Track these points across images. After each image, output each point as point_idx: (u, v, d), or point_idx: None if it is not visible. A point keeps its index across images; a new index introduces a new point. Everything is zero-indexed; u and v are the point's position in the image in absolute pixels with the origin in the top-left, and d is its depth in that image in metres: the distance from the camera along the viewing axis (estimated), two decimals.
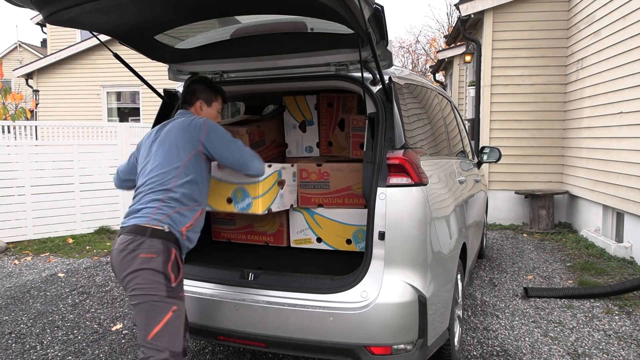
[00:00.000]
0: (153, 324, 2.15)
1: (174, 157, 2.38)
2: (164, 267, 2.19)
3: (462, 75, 12.90)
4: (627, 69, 5.71)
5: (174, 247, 2.25)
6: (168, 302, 2.18)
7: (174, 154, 2.38)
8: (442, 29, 29.87)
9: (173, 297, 2.20)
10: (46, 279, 5.27)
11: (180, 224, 2.30)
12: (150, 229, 2.22)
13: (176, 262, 2.25)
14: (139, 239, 2.20)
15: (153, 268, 2.17)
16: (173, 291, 2.21)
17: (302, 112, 3.82)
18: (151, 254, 2.18)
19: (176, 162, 2.36)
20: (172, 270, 2.22)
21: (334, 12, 2.10)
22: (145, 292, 2.16)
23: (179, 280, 2.25)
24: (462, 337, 3.63)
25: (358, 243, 3.20)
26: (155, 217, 2.25)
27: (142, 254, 2.18)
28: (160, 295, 2.16)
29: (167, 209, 2.29)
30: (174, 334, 2.20)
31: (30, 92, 14.38)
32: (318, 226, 3.31)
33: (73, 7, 2.17)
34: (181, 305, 2.26)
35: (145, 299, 2.17)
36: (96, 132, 7.80)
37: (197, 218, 2.39)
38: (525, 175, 7.95)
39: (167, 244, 2.22)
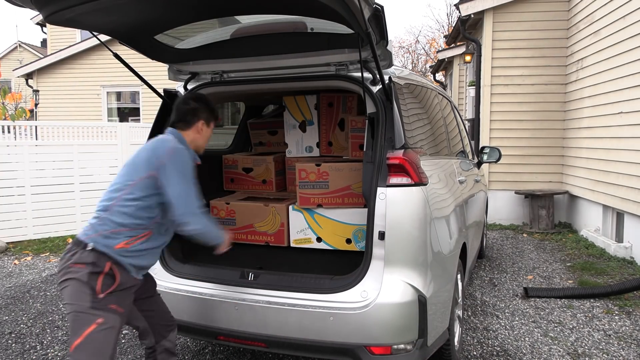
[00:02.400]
0: (75, 335, 2.09)
1: (130, 174, 2.28)
2: (91, 277, 2.12)
3: (462, 75, 12.90)
4: (627, 69, 5.71)
5: (108, 261, 2.16)
6: (92, 314, 2.09)
7: (131, 172, 2.28)
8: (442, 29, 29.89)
9: (99, 309, 2.11)
10: (46, 279, 5.27)
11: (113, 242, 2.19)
12: (82, 243, 2.19)
13: (110, 274, 2.16)
14: (74, 249, 2.19)
15: (78, 278, 2.12)
16: (99, 303, 2.11)
17: (302, 112, 3.83)
18: (80, 264, 2.14)
19: (127, 181, 2.26)
20: (102, 281, 2.13)
21: (334, 12, 2.10)
22: (71, 301, 2.13)
23: (109, 291, 2.14)
24: (462, 337, 3.63)
25: (358, 242, 3.20)
26: (88, 232, 2.22)
27: (72, 264, 2.15)
28: (83, 305, 2.10)
29: (100, 227, 2.21)
30: (97, 348, 2.09)
31: (30, 92, 14.39)
32: (318, 226, 3.31)
33: (73, 7, 2.17)
34: (111, 318, 2.13)
35: (71, 308, 2.13)
36: (96, 132, 7.81)
37: (140, 237, 2.25)
38: (525, 175, 7.95)
39: (99, 257, 2.16)
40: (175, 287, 2.78)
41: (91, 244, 2.17)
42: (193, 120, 2.47)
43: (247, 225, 3.52)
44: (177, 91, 3.15)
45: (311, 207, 3.31)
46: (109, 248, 2.18)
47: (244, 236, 3.54)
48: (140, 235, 2.25)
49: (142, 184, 2.23)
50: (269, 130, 4.29)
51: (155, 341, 2.52)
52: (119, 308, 2.18)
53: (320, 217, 3.29)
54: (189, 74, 3.14)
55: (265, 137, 4.31)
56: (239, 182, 4.02)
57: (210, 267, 2.87)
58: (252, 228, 3.51)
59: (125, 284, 2.22)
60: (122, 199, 2.23)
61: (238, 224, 3.54)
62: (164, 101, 3.11)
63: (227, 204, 3.52)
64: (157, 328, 2.51)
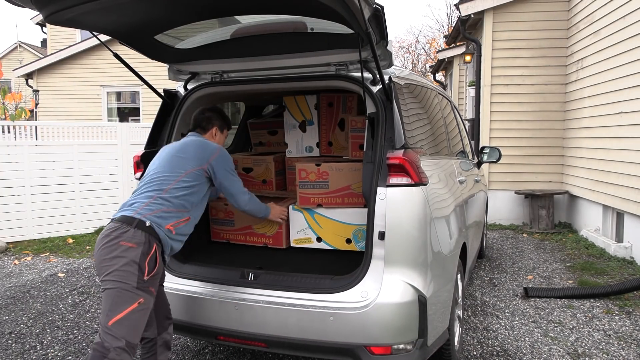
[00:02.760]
0: (116, 311, 2.20)
1: (180, 165, 2.57)
2: (142, 258, 2.25)
3: (462, 75, 12.90)
4: (627, 69, 5.71)
5: (155, 242, 2.33)
6: (136, 293, 2.23)
7: (181, 164, 2.57)
8: (442, 29, 29.89)
9: (142, 290, 2.25)
10: (46, 279, 5.27)
11: (165, 222, 2.40)
12: (137, 220, 2.32)
13: (154, 257, 2.31)
14: (124, 227, 2.30)
15: (130, 257, 2.24)
16: (144, 284, 2.25)
17: (302, 112, 3.82)
18: (132, 243, 2.26)
19: (179, 171, 2.54)
20: (148, 263, 2.28)
21: (334, 12, 2.10)
22: (117, 278, 2.22)
23: (152, 274, 2.29)
24: (462, 337, 3.63)
25: (358, 242, 3.20)
26: (141, 211, 2.37)
27: (123, 242, 2.26)
28: (130, 284, 2.22)
29: (155, 206, 2.40)
30: (134, 326, 2.24)
31: (30, 92, 14.39)
32: (318, 226, 3.31)
33: (73, 7, 2.17)
34: (149, 299, 2.30)
35: (115, 285, 2.22)
36: (96, 132, 7.80)
37: (182, 222, 2.49)
38: (525, 175, 7.95)
39: (149, 238, 2.31)
40: (175, 287, 2.78)
41: (148, 221, 2.33)
42: (208, 126, 2.86)
43: (245, 226, 3.52)
44: (177, 91, 3.15)
45: (311, 207, 3.31)
46: (160, 227, 2.37)
47: (242, 237, 3.54)
48: (184, 219, 2.49)
49: (193, 174, 2.56)
50: (269, 130, 4.28)
51: (157, 332, 2.59)
52: (154, 291, 2.35)
53: (320, 217, 3.29)
54: (189, 74, 3.14)
55: (265, 137, 4.31)
56: None
57: (210, 267, 2.87)
58: (251, 229, 3.51)
59: (159, 269, 2.37)
60: (176, 185, 2.48)
61: (236, 225, 3.54)
62: (164, 101, 3.11)
63: (225, 205, 3.52)
64: (160, 319, 2.61)
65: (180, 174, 2.53)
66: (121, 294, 2.21)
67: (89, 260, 5.99)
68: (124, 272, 2.22)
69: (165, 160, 2.62)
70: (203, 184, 2.63)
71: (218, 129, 2.89)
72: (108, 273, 2.24)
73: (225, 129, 2.95)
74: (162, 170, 2.56)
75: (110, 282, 2.23)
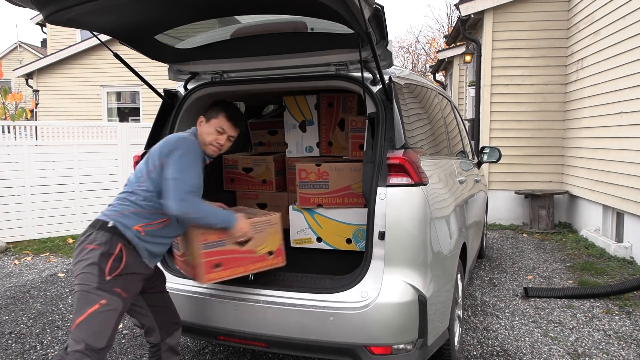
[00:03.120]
0: (78, 313, 2.16)
1: (147, 163, 2.42)
2: (101, 259, 2.19)
3: (462, 75, 12.90)
4: (627, 69, 5.71)
5: (121, 242, 2.25)
6: (96, 294, 2.16)
7: (149, 162, 2.42)
8: (442, 29, 29.89)
9: (104, 290, 2.17)
10: (46, 279, 5.27)
11: (133, 222, 2.30)
12: (101, 222, 2.29)
13: (119, 257, 2.22)
14: (89, 230, 2.28)
15: (90, 258, 2.20)
16: (106, 284, 2.18)
17: (302, 112, 3.83)
18: (93, 245, 2.22)
19: (144, 169, 2.40)
20: (111, 263, 2.20)
21: (334, 12, 2.10)
22: (79, 281, 2.20)
23: (115, 274, 2.20)
24: (462, 337, 3.63)
25: (358, 242, 3.20)
26: (106, 212, 2.34)
27: (86, 245, 2.24)
28: (90, 285, 2.16)
29: (121, 207, 2.34)
30: (96, 328, 2.15)
31: (30, 92, 14.39)
32: (318, 226, 3.31)
33: (73, 7, 2.17)
34: (114, 301, 2.19)
35: (78, 287, 2.20)
36: (96, 132, 7.80)
37: (158, 224, 2.37)
38: (525, 175, 7.95)
39: (111, 238, 2.24)
40: (175, 287, 2.78)
41: (111, 222, 2.27)
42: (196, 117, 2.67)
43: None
44: (177, 91, 3.15)
45: (311, 207, 3.31)
46: (126, 228, 2.28)
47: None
48: (158, 220, 2.36)
49: (156, 172, 2.35)
50: (269, 130, 4.29)
51: (160, 338, 2.55)
52: (122, 292, 2.23)
53: (320, 217, 3.29)
54: (189, 74, 3.14)
55: (265, 137, 4.31)
56: (239, 182, 4.02)
57: None
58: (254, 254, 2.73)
59: (132, 268, 2.27)
60: (142, 185, 2.36)
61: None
62: (164, 101, 3.11)
63: None
64: (163, 325, 2.55)
65: (145, 172, 2.38)
66: (82, 296, 2.17)
67: None
68: (84, 274, 2.18)
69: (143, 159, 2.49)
70: None
71: (204, 118, 2.55)
72: (74, 277, 2.24)
73: (215, 119, 2.52)
74: (136, 169, 2.48)
75: (76, 285, 2.21)
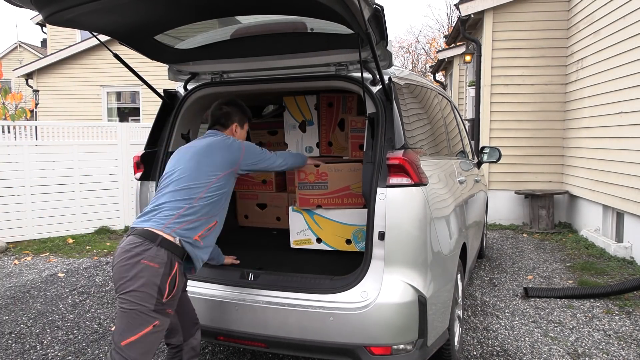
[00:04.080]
0: (131, 332, 2.12)
1: (209, 171, 2.45)
2: (163, 280, 2.15)
3: (462, 75, 12.90)
4: (627, 69, 5.71)
5: (177, 261, 2.22)
6: (152, 316, 2.14)
7: (210, 168, 2.46)
8: (442, 29, 29.88)
9: (158, 312, 2.16)
10: (46, 279, 5.27)
11: (193, 233, 2.31)
12: (161, 237, 2.20)
13: (175, 277, 2.20)
14: (147, 244, 2.17)
15: (151, 278, 2.13)
16: (162, 306, 2.16)
17: (302, 112, 3.82)
18: (154, 263, 2.14)
19: (209, 177, 2.43)
20: (169, 284, 2.17)
21: (334, 12, 2.10)
22: (134, 299, 2.12)
23: (171, 296, 2.20)
24: (462, 337, 3.63)
25: (358, 243, 3.20)
26: (170, 225, 2.25)
27: (145, 261, 2.14)
28: (147, 307, 2.12)
29: (184, 219, 2.29)
30: (146, 348, 2.16)
31: (30, 92, 14.39)
32: (318, 226, 3.31)
33: (73, 8, 2.17)
34: (164, 321, 2.21)
35: (132, 306, 2.13)
36: (96, 132, 7.80)
37: (209, 228, 2.41)
38: (525, 175, 7.95)
39: (172, 257, 2.20)
40: None
41: (177, 237, 2.24)
42: (228, 123, 2.75)
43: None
44: (177, 91, 3.15)
45: (311, 207, 3.31)
46: (189, 240, 2.28)
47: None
48: (211, 224, 2.41)
49: (225, 178, 2.48)
50: (269, 130, 4.28)
51: (183, 339, 2.54)
52: (171, 311, 2.26)
53: (320, 218, 3.29)
54: (189, 74, 3.14)
55: (265, 137, 4.31)
56: (239, 182, 4.02)
57: (211, 268, 2.87)
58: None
59: (179, 288, 2.27)
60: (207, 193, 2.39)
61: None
62: (164, 101, 3.11)
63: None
64: (186, 325, 2.55)
65: (211, 180, 2.43)
66: (137, 316, 2.12)
67: (89, 260, 5.99)
68: (142, 294, 2.12)
69: (191, 163, 2.47)
70: (232, 184, 2.57)
71: (238, 125, 2.78)
72: (126, 292, 2.14)
73: (246, 123, 2.85)
74: (189, 175, 2.42)
75: (128, 302, 2.13)
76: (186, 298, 2.58)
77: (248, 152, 2.63)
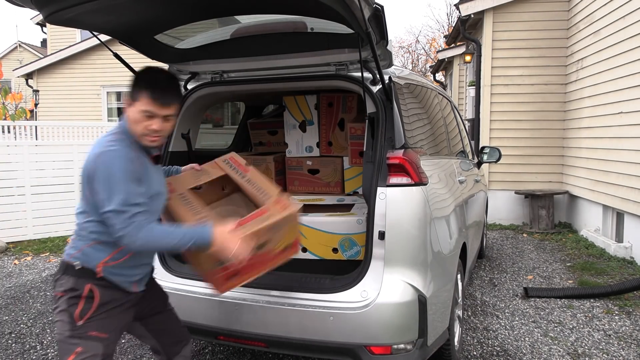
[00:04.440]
0: None
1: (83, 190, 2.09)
2: (68, 304, 1.99)
3: (462, 75, 12.90)
4: (627, 69, 5.71)
5: (89, 283, 1.98)
6: (71, 343, 1.98)
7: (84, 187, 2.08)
8: (442, 29, 29.88)
9: (78, 337, 1.98)
10: (46, 279, 5.27)
11: (96, 259, 2.00)
12: (65, 265, 2.04)
13: (90, 297, 1.98)
14: (57, 275, 2.06)
15: (59, 306, 2.02)
16: (78, 330, 1.98)
17: (302, 112, 3.83)
18: (60, 292, 2.02)
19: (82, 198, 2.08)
20: (81, 308, 1.97)
21: (334, 12, 2.10)
22: (56, 330, 2.04)
23: (86, 318, 1.98)
24: (462, 337, 3.63)
25: (345, 251, 3.11)
26: (69, 250, 2.05)
27: (55, 292, 2.04)
28: (63, 335, 2.00)
29: (80, 241, 2.03)
30: None
31: (30, 92, 14.39)
32: (302, 236, 3.15)
33: (73, 7, 2.17)
34: (90, 346, 1.98)
35: (57, 337, 2.05)
36: (96, 132, 7.81)
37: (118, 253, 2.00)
38: (525, 175, 7.95)
39: (78, 281, 1.99)
40: (175, 287, 2.78)
41: (78, 262, 2.00)
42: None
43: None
44: None
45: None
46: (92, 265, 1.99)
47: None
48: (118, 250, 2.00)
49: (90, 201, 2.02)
50: (269, 130, 4.28)
51: (167, 358, 2.37)
52: (100, 334, 2.00)
53: (304, 228, 3.14)
54: (189, 74, 3.14)
55: (265, 137, 4.31)
56: None
57: None
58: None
59: (110, 303, 2.03)
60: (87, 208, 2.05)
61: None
62: None
63: None
64: (166, 346, 2.34)
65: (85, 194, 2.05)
66: (60, 346, 2.02)
67: None
68: (58, 322, 2.02)
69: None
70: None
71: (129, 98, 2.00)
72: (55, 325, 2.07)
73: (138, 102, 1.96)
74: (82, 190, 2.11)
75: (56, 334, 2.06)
76: (167, 318, 2.35)
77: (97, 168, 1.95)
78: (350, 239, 3.01)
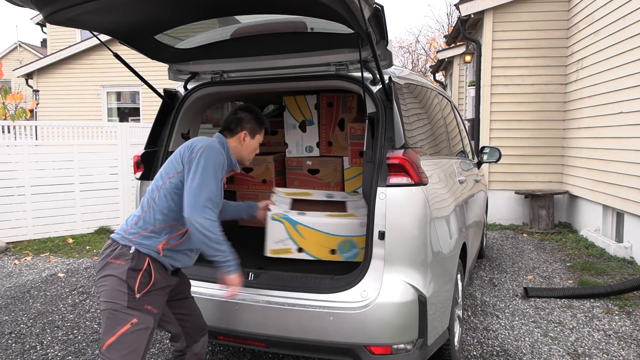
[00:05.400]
0: (109, 333, 2.07)
1: (166, 172, 2.31)
2: (128, 275, 2.10)
3: (462, 75, 12.90)
4: (627, 69, 5.71)
5: (148, 257, 2.17)
6: (127, 313, 2.07)
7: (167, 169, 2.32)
8: (442, 29, 29.88)
9: (135, 309, 2.09)
10: (46, 279, 5.27)
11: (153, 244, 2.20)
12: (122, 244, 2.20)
13: (148, 272, 2.15)
14: (114, 245, 2.20)
15: (117, 275, 2.11)
16: (136, 302, 2.10)
17: (302, 112, 3.83)
18: (120, 260, 2.13)
19: (164, 177, 2.29)
20: (140, 281, 2.12)
21: (334, 12, 2.10)
22: (107, 299, 2.10)
23: (145, 292, 2.13)
24: (462, 337, 3.63)
25: (343, 253, 3.06)
26: (127, 234, 2.22)
27: (112, 259, 2.14)
28: (120, 304, 2.08)
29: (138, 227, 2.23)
30: (129, 349, 2.06)
31: (30, 92, 14.39)
32: (300, 236, 3.11)
33: (73, 7, 2.17)
34: (145, 319, 2.12)
35: (107, 306, 2.10)
36: (96, 132, 7.81)
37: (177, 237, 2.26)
38: (525, 175, 7.95)
39: (139, 254, 2.16)
40: None
41: (133, 247, 2.17)
42: (236, 129, 2.51)
43: None
44: (177, 91, 3.15)
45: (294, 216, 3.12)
46: (150, 248, 2.18)
47: None
48: (178, 232, 2.25)
49: (170, 184, 2.25)
50: (269, 130, 4.28)
51: (186, 345, 2.48)
52: (153, 309, 2.16)
53: (303, 228, 3.11)
54: (189, 73, 3.14)
55: (265, 137, 4.31)
56: (239, 181, 4.02)
57: (211, 267, 2.86)
58: None
59: (160, 284, 2.20)
60: (160, 195, 2.25)
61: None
62: (164, 101, 3.11)
63: None
64: (189, 332, 2.48)
65: (163, 182, 2.27)
66: (112, 315, 2.08)
67: (89, 260, 5.99)
68: (112, 292, 2.09)
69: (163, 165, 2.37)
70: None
71: (248, 134, 2.50)
72: (100, 293, 2.15)
73: (259, 134, 2.55)
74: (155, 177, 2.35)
75: (103, 302, 2.12)
76: (191, 304, 2.52)
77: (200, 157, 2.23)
78: (351, 241, 3.00)
